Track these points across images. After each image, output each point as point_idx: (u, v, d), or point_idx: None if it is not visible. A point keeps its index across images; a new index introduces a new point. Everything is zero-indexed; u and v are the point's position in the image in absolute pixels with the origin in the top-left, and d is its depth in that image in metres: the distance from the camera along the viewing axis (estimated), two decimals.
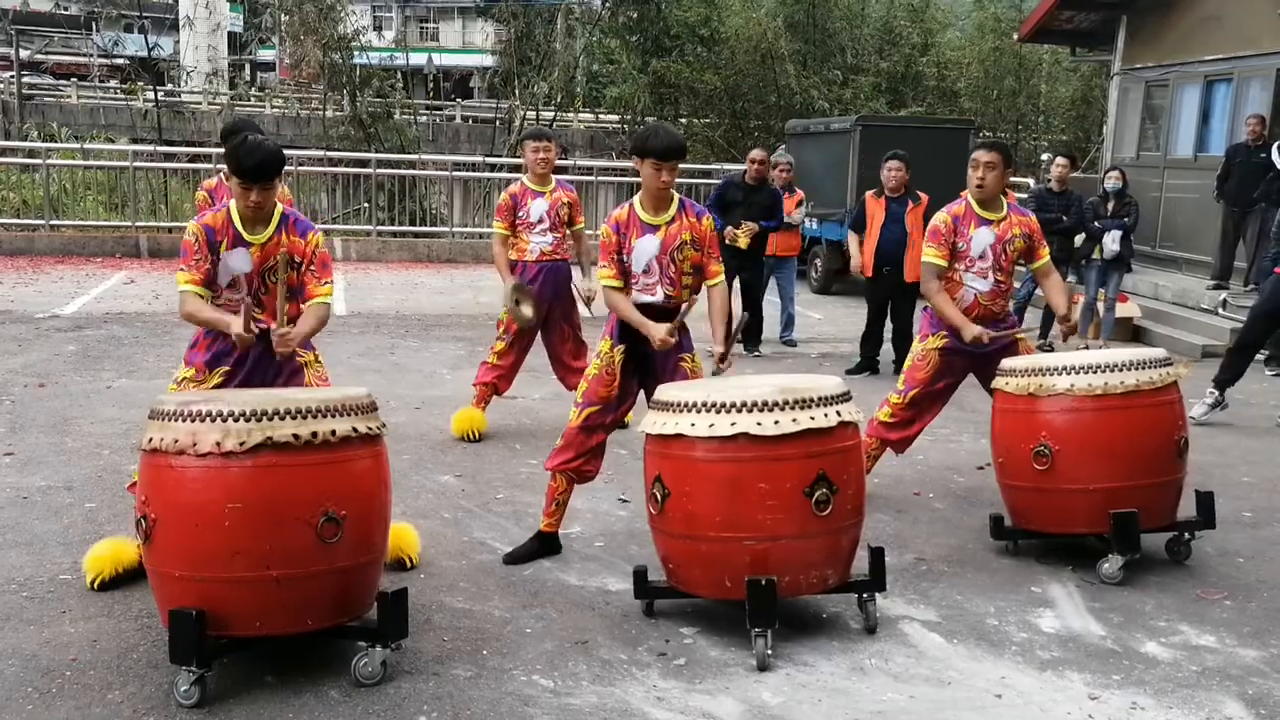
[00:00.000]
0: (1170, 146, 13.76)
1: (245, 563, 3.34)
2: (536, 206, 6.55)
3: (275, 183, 4.07)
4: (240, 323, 3.98)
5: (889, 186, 8.67)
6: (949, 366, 5.24)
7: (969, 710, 3.49)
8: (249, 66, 43.88)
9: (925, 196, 8.63)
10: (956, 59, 24.61)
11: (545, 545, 4.71)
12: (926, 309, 5.33)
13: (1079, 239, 10.15)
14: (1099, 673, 3.75)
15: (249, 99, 32.70)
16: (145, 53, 27.22)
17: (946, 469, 6.21)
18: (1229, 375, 7.48)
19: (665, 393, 4.03)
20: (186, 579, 3.38)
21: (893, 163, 8.66)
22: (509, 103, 23.84)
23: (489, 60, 34.24)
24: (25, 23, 34.98)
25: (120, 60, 30.56)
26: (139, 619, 3.95)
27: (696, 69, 22.49)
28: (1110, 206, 10.03)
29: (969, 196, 5.18)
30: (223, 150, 4.49)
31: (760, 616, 3.71)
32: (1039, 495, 4.65)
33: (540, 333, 6.63)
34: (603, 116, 27.37)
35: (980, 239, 5.11)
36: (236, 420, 3.36)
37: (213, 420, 3.36)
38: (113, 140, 23.26)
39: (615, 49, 25.14)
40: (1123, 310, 10.81)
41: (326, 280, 4.18)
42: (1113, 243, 9.93)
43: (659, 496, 3.94)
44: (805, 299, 12.08)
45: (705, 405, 3.81)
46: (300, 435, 3.39)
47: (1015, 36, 18.29)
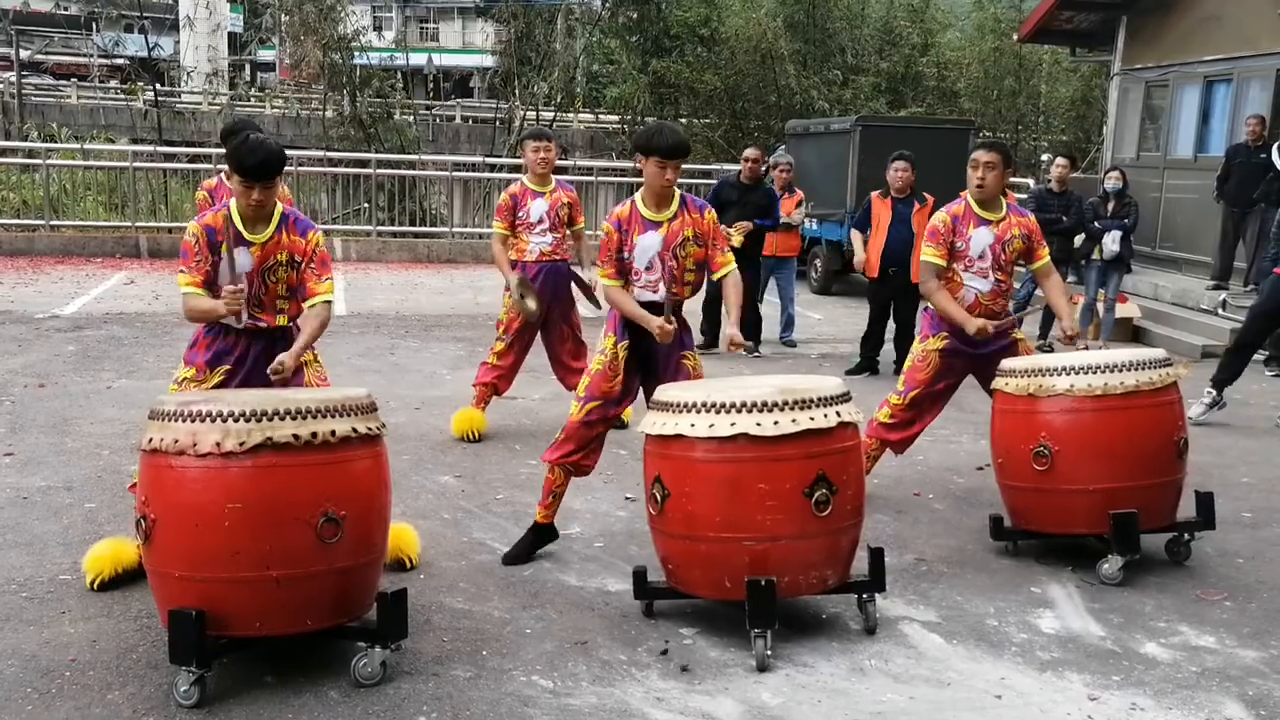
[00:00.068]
0: (1170, 147, 13.76)
1: (245, 563, 3.35)
2: (536, 207, 6.55)
3: (277, 181, 4.10)
4: (224, 305, 4.00)
5: (895, 187, 8.63)
6: (949, 368, 5.25)
7: (968, 711, 3.49)
8: (249, 67, 43.88)
9: (931, 198, 8.60)
10: (956, 59, 24.63)
11: (541, 536, 4.71)
12: (926, 310, 5.34)
13: (1079, 239, 10.15)
14: (1098, 673, 3.75)
15: (249, 99, 32.69)
16: (145, 53, 27.21)
17: (946, 470, 6.21)
18: (1227, 375, 7.48)
19: (665, 393, 4.03)
20: (186, 579, 3.39)
21: (899, 163, 8.61)
22: (509, 103, 23.84)
23: (489, 60, 34.21)
24: (25, 23, 34.92)
25: (120, 60, 30.56)
26: (138, 619, 3.95)
27: (696, 69, 22.48)
28: (1110, 207, 10.04)
29: (968, 197, 5.19)
30: (223, 150, 4.50)
31: (760, 617, 3.71)
32: (1039, 496, 4.65)
33: (540, 333, 6.64)
34: (603, 117, 27.36)
35: (979, 239, 5.11)
36: (236, 420, 3.36)
37: (212, 420, 3.37)
38: (113, 140, 23.25)
39: (615, 49, 25.14)
40: (1122, 311, 10.82)
41: (326, 278, 4.20)
42: (1112, 243, 9.94)
43: (658, 497, 3.94)
44: (805, 299, 12.08)
45: (705, 406, 3.81)
46: (300, 435, 3.40)
47: (1015, 37, 18.29)
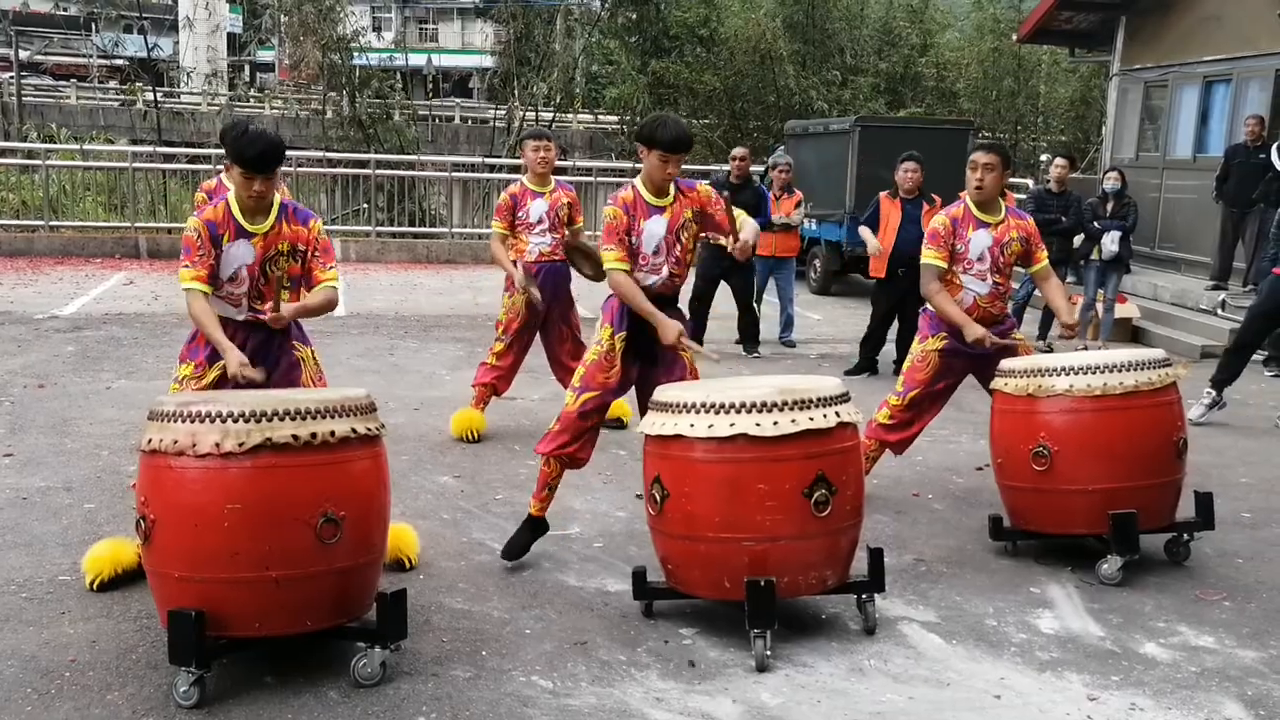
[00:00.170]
0: (1169, 147, 13.77)
1: (244, 563, 3.34)
2: (536, 207, 6.55)
3: (277, 173, 4.11)
4: (235, 362, 3.97)
5: (904, 188, 8.55)
6: (949, 368, 5.25)
7: (968, 711, 3.49)
8: (248, 67, 43.90)
9: (939, 199, 8.58)
10: (955, 60, 24.63)
11: (536, 529, 4.69)
12: (926, 310, 5.34)
13: (1078, 240, 10.16)
14: (1098, 673, 3.75)
15: (248, 100, 32.71)
16: (145, 54, 27.22)
17: (945, 470, 6.21)
18: (1226, 375, 7.48)
19: (664, 393, 4.02)
20: (186, 580, 3.38)
21: (909, 164, 8.54)
22: (508, 104, 23.84)
23: (488, 61, 34.26)
24: (25, 23, 34.97)
25: (120, 61, 30.57)
26: (138, 620, 3.95)
27: (695, 70, 22.49)
28: (1109, 207, 10.04)
29: (967, 199, 5.19)
30: (222, 151, 4.51)
31: (759, 617, 3.71)
32: (1038, 496, 4.65)
33: (539, 333, 6.64)
34: (602, 117, 27.39)
35: (978, 241, 5.12)
36: (235, 421, 3.36)
37: (212, 421, 3.36)
38: (112, 141, 23.23)
39: (614, 50, 25.16)
40: (1121, 311, 10.82)
41: (330, 265, 4.22)
42: (1111, 243, 9.94)
43: (658, 497, 3.94)
44: (804, 300, 12.08)
45: (704, 406, 3.81)
46: (299, 436, 3.39)
47: (1014, 37, 18.30)
